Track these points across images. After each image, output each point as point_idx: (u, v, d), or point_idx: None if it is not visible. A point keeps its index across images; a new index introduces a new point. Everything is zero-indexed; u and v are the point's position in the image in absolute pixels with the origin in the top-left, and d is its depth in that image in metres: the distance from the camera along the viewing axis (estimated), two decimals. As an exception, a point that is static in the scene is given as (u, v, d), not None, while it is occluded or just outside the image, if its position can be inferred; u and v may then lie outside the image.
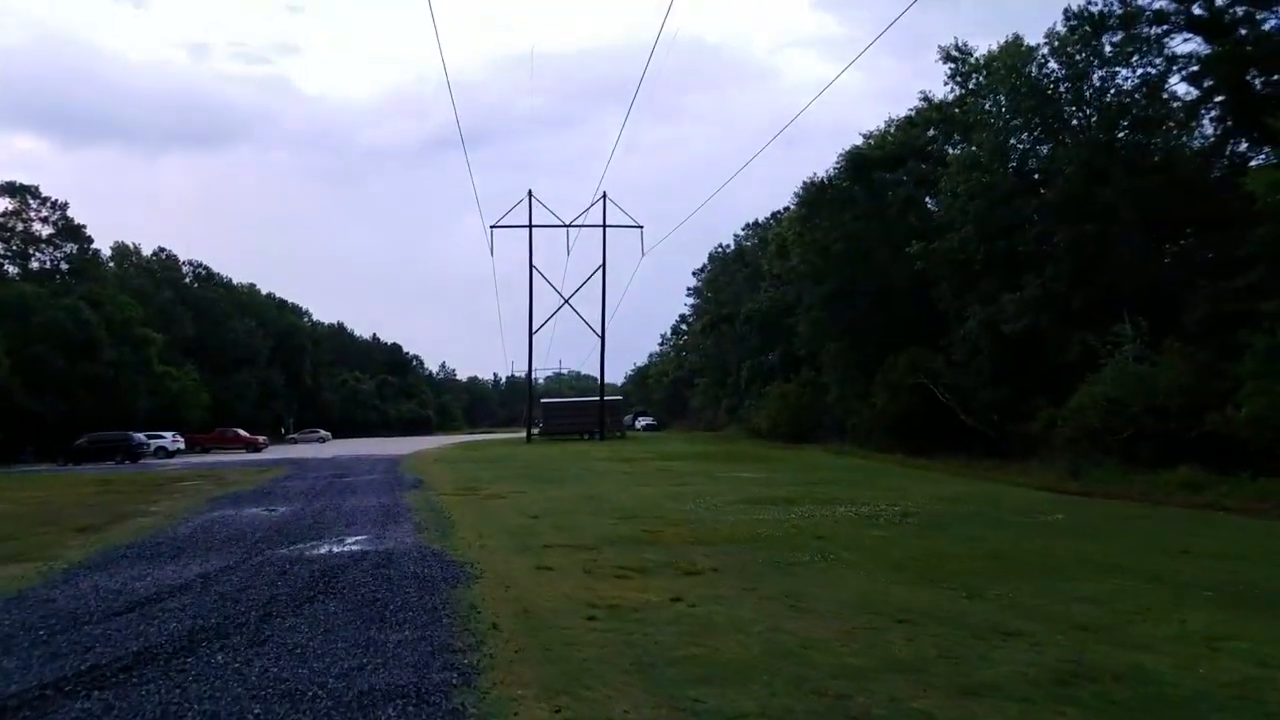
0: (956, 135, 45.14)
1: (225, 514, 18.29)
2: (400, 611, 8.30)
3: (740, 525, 14.10)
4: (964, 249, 38.09)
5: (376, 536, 13.95)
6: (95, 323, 64.13)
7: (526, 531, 14.12)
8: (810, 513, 15.58)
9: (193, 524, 16.58)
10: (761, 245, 77.85)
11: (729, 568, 10.37)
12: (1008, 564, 10.41)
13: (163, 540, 14.29)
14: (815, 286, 49.41)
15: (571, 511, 17.00)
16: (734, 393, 76.82)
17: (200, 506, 20.19)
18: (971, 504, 17.15)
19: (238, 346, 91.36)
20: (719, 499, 18.47)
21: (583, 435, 66.40)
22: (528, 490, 22.23)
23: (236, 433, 66.08)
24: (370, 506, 18.80)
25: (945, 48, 41.96)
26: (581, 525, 14.72)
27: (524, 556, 11.55)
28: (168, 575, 10.85)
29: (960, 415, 38.08)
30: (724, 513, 15.94)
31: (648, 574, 10.10)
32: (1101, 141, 35.99)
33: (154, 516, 18.38)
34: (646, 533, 13.52)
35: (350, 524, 15.78)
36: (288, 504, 20.13)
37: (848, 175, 48.11)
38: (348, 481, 27.14)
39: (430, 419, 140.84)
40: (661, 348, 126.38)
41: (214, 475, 32.46)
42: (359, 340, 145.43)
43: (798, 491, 20.01)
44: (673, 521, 14.82)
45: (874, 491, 19.61)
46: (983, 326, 37.18)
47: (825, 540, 12.25)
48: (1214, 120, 34.43)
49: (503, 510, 17.70)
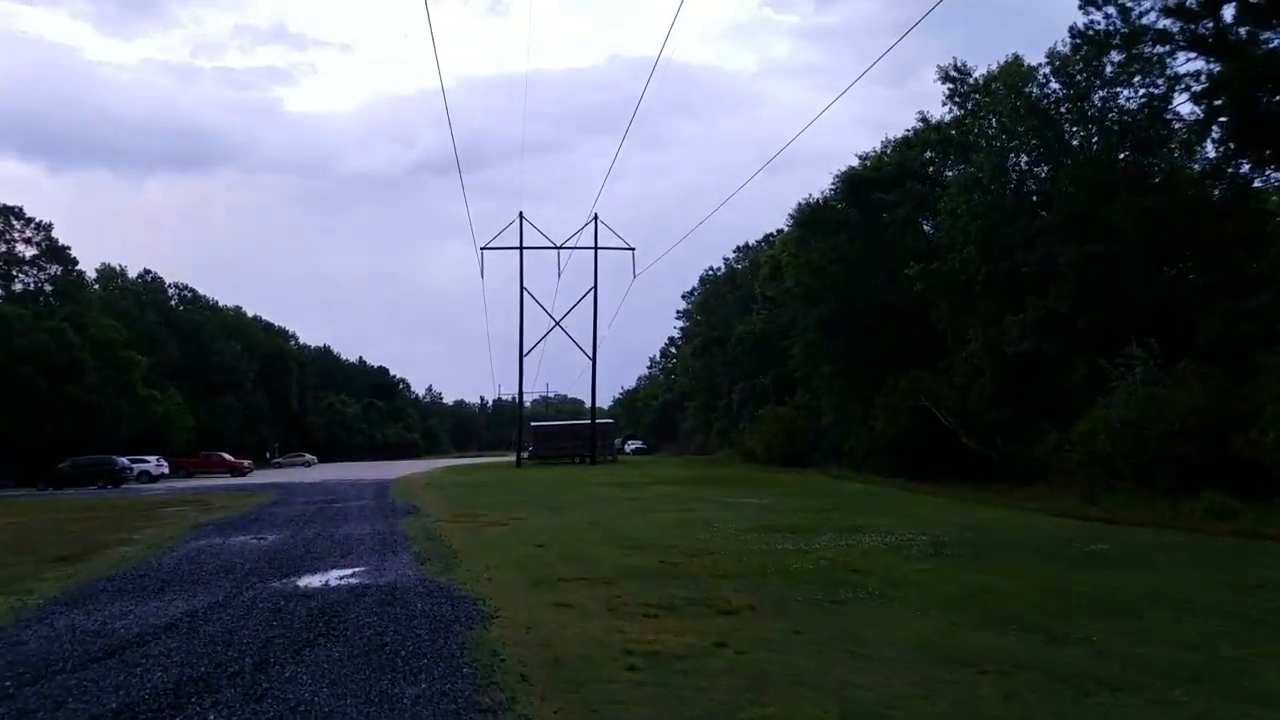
0: (954, 157, 44.73)
1: (212, 542, 17.34)
2: (414, 659, 7.42)
3: (764, 556, 13.25)
4: (965, 270, 37.49)
5: (375, 568, 13.04)
6: (79, 345, 63.01)
7: (535, 562, 13.24)
8: (834, 542, 14.74)
9: (178, 554, 15.63)
10: (753, 268, 77.29)
11: (767, 606, 9.51)
12: (1072, 601, 9.59)
13: (146, 572, 13.35)
14: (810, 308, 48.70)
15: (578, 540, 16.12)
16: (726, 416, 75.95)
17: (185, 534, 19.23)
18: (1000, 532, 16.33)
19: (223, 369, 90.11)
20: (731, 527, 17.61)
21: (574, 459, 65.45)
22: (528, 517, 21.33)
23: (221, 456, 64.89)
24: (365, 534, 17.88)
25: (944, 68, 41.46)
26: (593, 556, 13.84)
27: (539, 591, 10.67)
28: (151, 613, 9.94)
29: (962, 439, 37.37)
30: (741, 542, 15.08)
31: (679, 613, 9.25)
32: (1105, 161, 35.54)
33: (136, 545, 17.41)
34: (665, 564, 12.66)
35: (346, 553, 14.86)
36: (277, 531, 19.18)
37: (843, 196, 47.58)
38: (338, 507, 26.17)
39: (417, 443, 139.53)
40: (650, 371, 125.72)
41: (199, 500, 31.42)
42: (345, 363, 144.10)
43: (812, 519, 19.17)
44: (690, 552, 13.96)
45: (891, 519, 18.78)
46: (985, 349, 36.56)
47: (862, 574, 11.41)
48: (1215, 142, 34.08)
49: (505, 539, 16.80)
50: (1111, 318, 34.15)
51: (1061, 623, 8.42)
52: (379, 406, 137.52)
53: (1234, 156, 32.40)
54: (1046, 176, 38.37)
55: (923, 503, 24.51)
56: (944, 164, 46.01)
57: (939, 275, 39.48)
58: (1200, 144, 34.04)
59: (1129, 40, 33.73)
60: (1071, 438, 31.47)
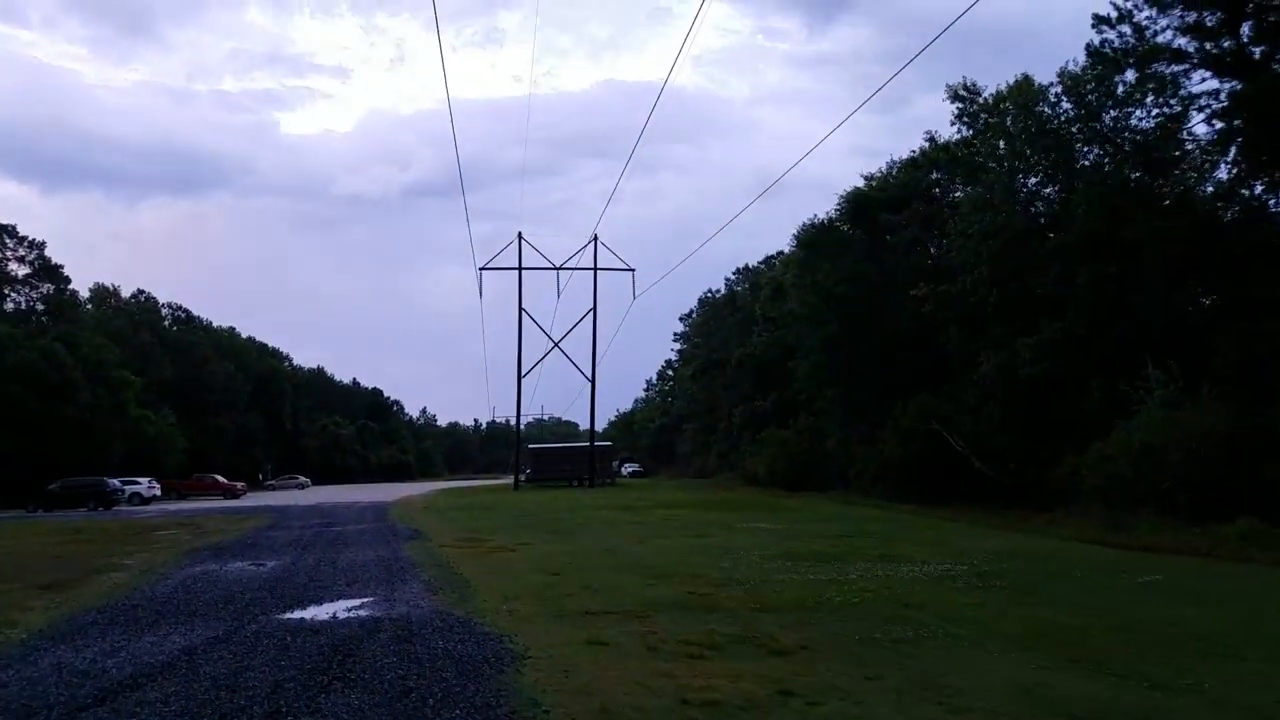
0: (960, 178, 44.19)
1: (208, 569, 16.47)
2: (444, 708, 6.58)
3: (798, 588, 12.44)
4: (975, 291, 36.85)
5: (385, 598, 12.20)
6: (71, 364, 62.03)
7: (555, 593, 12.41)
8: (869, 572, 13.93)
9: (172, 581, 14.77)
10: (753, 290, 76.71)
11: (821, 645, 8.70)
12: (1153, 639, 8.80)
13: (139, 601, 12.50)
14: (815, 330, 48.01)
15: (594, 568, 15.29)
16: (725, 439, 75.16)
17: (180, 560, 18.35)
18: (1039, 561, 15.52)
19: (217, 390, 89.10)
20: (753, 554, 16.79)
21: (571, 482, 64.53)
22: (535, 542, 20.47)
23: (215, 479, 63.82)
24: (369, 561, 17.03)
25: (953, 87, 40.98)
26: (614, 585, 13.01)
27: (566, 626, 9.85)
28: (145, 650, 9.10)
29: (974, 463, 36.62)
30: (769, 571, 14.26)
31: (725, 653, 8.44)
32: (1119, 181, 35.01)
33: (128, 571, 16.55)
34: (694, 595, 11.84)
35: (352, 581, 14.02)
36: (276, 557, 18.32)
37: (848, 217, 46.99)
38: (337, 531, 25.29)
39: (411, 465, 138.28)
40: (647, 393, 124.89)
41: (193, 524, 30.51)
42: (339, 385, 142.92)
43: (834, 546, 18.35)
44: (716, 582, 13.14)
45: (919, 547, 17.97)
46: (996, 371, 35.87)
47: (914, 608, 10.59)
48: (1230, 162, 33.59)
49: (517, 566, 15.95)
50: (1127, 340, 33.54)
51: (1158, 666, 7.62)
52: (373, 428, 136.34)
53: (1249, 177, 31.93)
54: (1055, 197, 37.88)
55: (943, 529, 23.69)
56: (951, 185, 45.52)
57: (948, 297, 38.87)
58: (1215, 164, 33.58)
59: (1144, 59, 33.27)
60: (1087, 462, 30.78)
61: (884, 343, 43.71)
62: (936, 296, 39.42)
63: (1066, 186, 36.88)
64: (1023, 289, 37.15)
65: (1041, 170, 37.72)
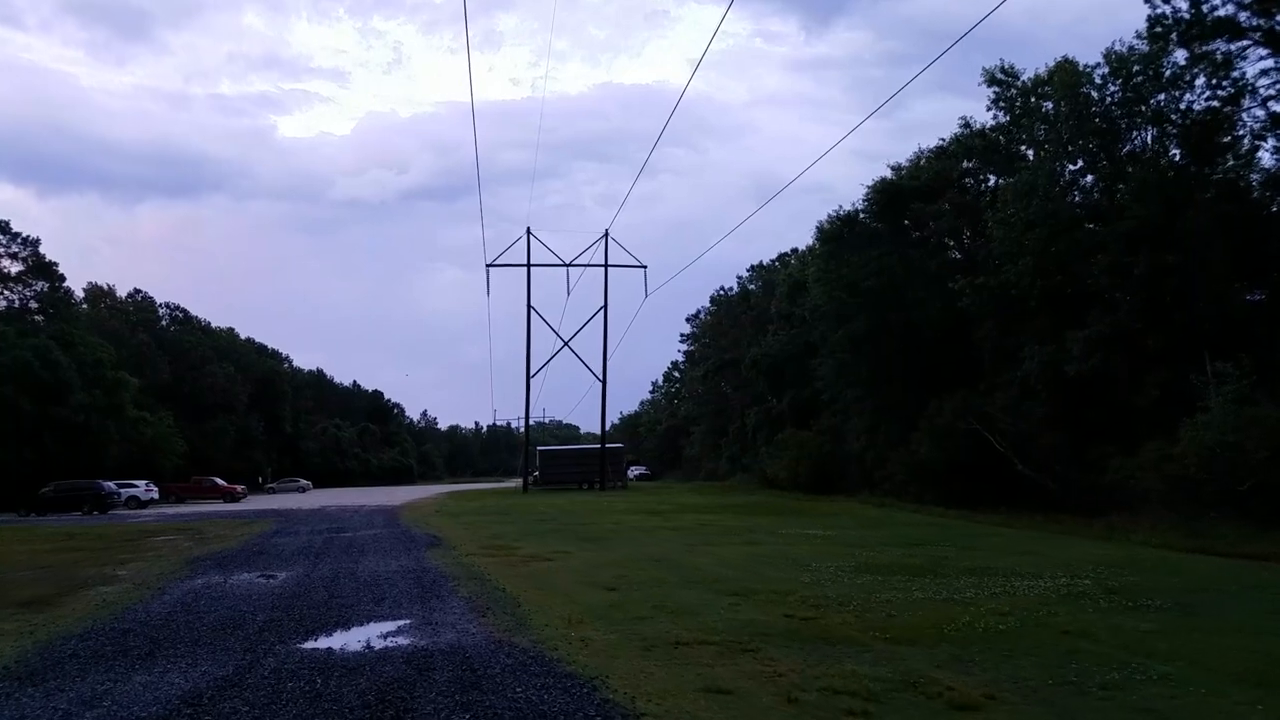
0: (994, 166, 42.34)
1: (211, 582, 14.50)
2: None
3: (915, 609, 10.47)
4: (1019, 283, 34.96)
5: (424, 621, 10.23)
6: (65, 364, 60.03)
7: (624, 614, 10.44)
8: (981, 589, 11.96)
9: (170, 597, 12.81)
10: (767, 288, 74.74)
11: (1011, 693, 6.74)
12: None
13: (130, 625, 10.53)
14: (840, 327, 46.01)
15: (653, 582, 13.32)
16: (738, 441, 73.15)
17: (179, 570, 16.38)
18: (1155, 574, 13.52)
19: (216, 392, 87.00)
20: (825, 565, 14.83)
21: (581, 485, 62.55)
22: (571, 550, 18.49)
23: (214, 482, 61.75)
24: (392, 572, 15.06)
25: (990, 70, 39.10)
26: (688, 605, 11.04)
27: (663, 663, 7.89)
28: (135, 696, 7.15)
29: (1016, 465, 34.74)
30: (862, 588, 12.30)
31: (891, 706, 6.49)
32: (1174, 167, 33.27)
33: (120, 584, 14.59)
34: (796, 620, 9.88)
35: (379, 599, 12.05)
36: (286, 567, 16.35)
37: (877, 208, 45.02)
38: (348, 538, 23.31)
39: (412, 468, 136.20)
40: (652, 395, 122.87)
41: (192, 529, 28.54)
42: (339, 387, 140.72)
43: (910, 556, 16.39)
44: (810, 601, 11.18)
45: (1007, 556, 16.03)
46: (1041, 368, 33.98)
47: (1080, 637, 8.65)
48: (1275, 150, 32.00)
49: (562, 579, 13.99)
50: (1183, 334, 31.77)
51: None
52: (374, 431, 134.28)
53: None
54: (1094, 184, 36.06)
55: (1011, 536, 21.77)
56: (984, 174, 43.63)
57: (986, 289, 37.00)
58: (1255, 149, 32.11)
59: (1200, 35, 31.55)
60: (1143, 463, 29.00)
61: (914, 339, 41.76)
62: (974, 289, 37.57)
63: (1113, 172, 35.06)
64: (1070, 280, 35.33)
65: (1085, 156, 35.88)
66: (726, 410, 79.60)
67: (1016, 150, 40.59)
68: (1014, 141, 40.95)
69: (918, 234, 46.42)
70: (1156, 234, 30.81)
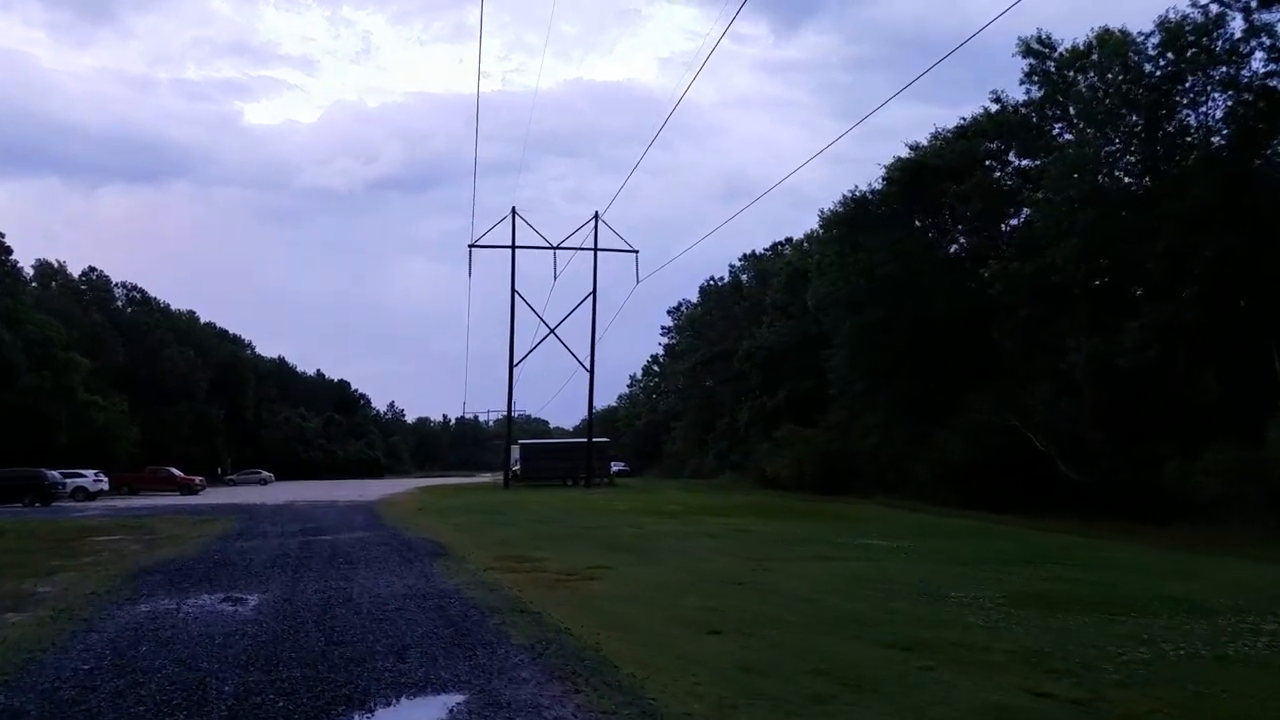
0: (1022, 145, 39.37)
1: (159, 609, 10.90)
2: None
3: (1193, 675, 7.17)
4: (1064, 268, 32.03)
5: (487, 700, 6.67)
6: (10, 342, 55.79)
7: (777, 682, 7.05)
8: (1233, 635, 8.70)
9: (97, 638, 9.20)
10: (760, 278, 71.57)
11: None
12: None
13: (25, 702, 6.92)
14: (852, 316, 42.85)
15: (765, 621, 9.82)
16: (728, 437, 69.88)
17: (118, 588, 12.75)
18: None
19: (174, 377, 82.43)
20: (960, 593, 11.55)
21: (565, 481, 59.08)
22: (610, 564, 15.01)
23: (170, 472, 57.35)
24: (400, 596, 11.55)
25: (1025, 39, 35.98)
26: (858, 667, 7.59)
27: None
28: None
29: (1059, 465, 31.82)
30: (1059, 634, 9.02)
31: None
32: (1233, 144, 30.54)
33: (34, 610, 10.99)
34: (1057, 701, 6.53)
35: (400, 648, 8.50)
36: (259, 586, 12.79)
37: (896, 188, 41.90)
38: (329, 543, 19.71)
39: (379, 461, 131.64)
40: (630, 389, 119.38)
41: (142, 527, 24.81)
42: (302, 376, 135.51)
43: (1051, 580, 13.16)
44: (1029, 661, 7.81)
45: (1173, 581, 12.84)
46: (1088, 360, 31.07)
47: None
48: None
49: (633, 611, 10.54)
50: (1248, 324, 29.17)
51: None
52: (340, 422, 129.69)
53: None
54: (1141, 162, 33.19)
55: (1117, 551, 18.64)
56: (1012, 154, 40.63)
57: (1020, 276, 34.06)
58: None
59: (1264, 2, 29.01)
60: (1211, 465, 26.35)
61: (932, 329, 38.64)
62: (1008, 275, 34.60)
63: (1166, 149, 32.24)
64: (1118, 265, 32.48)
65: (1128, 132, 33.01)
66: (712, 404, 76.40)
67: (1049, 128, 37.70)
68: (1045, 120, 38.05)
69: (936, 218, 43.48)
70: (1213, 215, 28.10)
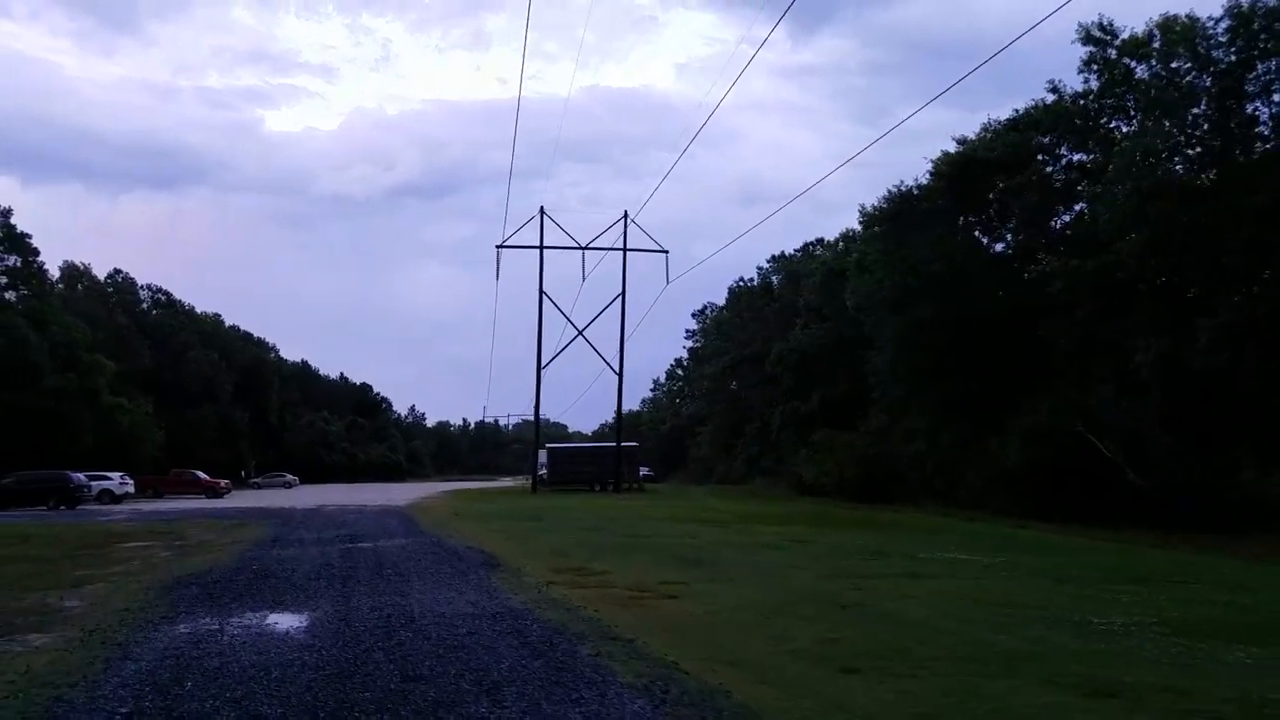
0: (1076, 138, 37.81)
1: (200, 630, 9.64)
2: None
3: None
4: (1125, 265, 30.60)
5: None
6: (36, 343, 54.96)
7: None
8: None
9: (137, 666, 7.95)
10: (790, 279, 70.15)
11: None
12: None
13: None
14: (895, 315, 41.32)
15: (898, 654, 8.47)
16: (759, 441, 68.40)
17: (153, 603, 11.52)
18: None
19: (199, 379, 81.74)
20: (1105, 620, 10.21)
21: (593, 486, 57.82)
22: (684, 580, 13.68)
23: (195, 475, 56.48)
24: (468, 617, 10.26)
25: (1085, 26, 34.40)
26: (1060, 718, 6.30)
27: None
28: None
29: (1128, 473, 30.23)
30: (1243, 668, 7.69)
31: None
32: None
33: (61, 630, 9.76)
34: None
35: (490, 687, 7.17)
36: (308, 602, 11.54)
37: (944, 183, 40.39)
38: (371, 550, 18.50)
39: (401, 464, 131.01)
40: (654, 393, 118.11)
41: (171, 532, 23.68)
42: (325, 379, 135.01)
43: (1198, 606, 11.77)
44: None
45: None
46: (1157, 361, 29.58)
47: None
48: None
49: (741, 641, 9.21)
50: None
51: None
52: (363, 425, 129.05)
53: None
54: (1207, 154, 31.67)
55: (1218, 565, 17.20)
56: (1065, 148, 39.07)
57: (1082, 273, 32.54)
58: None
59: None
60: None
61: (981, 328, 37.10)
62: (1069, 272, 33.08)
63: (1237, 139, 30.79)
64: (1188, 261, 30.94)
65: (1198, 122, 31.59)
66: (740, 408, 74.99)
67: (1107, 120, 36.17)
68: (1104, 111, 36.51)
69: (983, 214, 41.94)
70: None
